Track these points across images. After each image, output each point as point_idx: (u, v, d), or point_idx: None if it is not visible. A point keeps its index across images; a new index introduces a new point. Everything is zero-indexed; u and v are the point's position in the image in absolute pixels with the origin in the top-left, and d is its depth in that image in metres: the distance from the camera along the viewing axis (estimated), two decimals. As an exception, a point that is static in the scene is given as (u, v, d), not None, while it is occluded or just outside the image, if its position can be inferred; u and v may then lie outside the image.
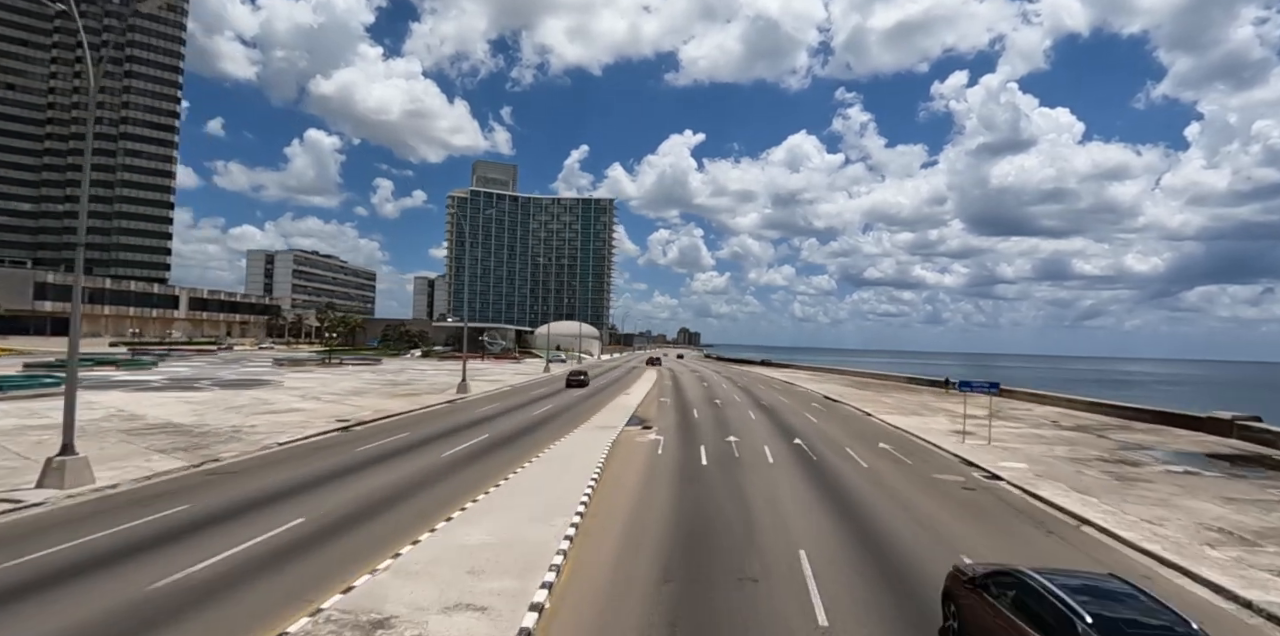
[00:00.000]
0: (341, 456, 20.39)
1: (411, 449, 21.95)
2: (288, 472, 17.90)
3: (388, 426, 27.27)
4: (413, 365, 74.53)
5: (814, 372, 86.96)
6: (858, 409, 38.85)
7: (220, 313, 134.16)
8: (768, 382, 63.89)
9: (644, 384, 54.20)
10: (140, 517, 13.13)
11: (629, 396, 42.19)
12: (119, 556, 11.07)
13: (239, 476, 17.26)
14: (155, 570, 10.36)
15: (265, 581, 10.14)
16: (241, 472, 17.75)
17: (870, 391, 53.44)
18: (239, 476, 17.26)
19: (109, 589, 9.69)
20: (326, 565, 10.84)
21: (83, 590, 9.64)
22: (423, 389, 43.68)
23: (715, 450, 22.98)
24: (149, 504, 14.24)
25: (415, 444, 23.01)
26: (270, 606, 9.16)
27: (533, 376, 60.43)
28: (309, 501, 14.90)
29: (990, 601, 7.82)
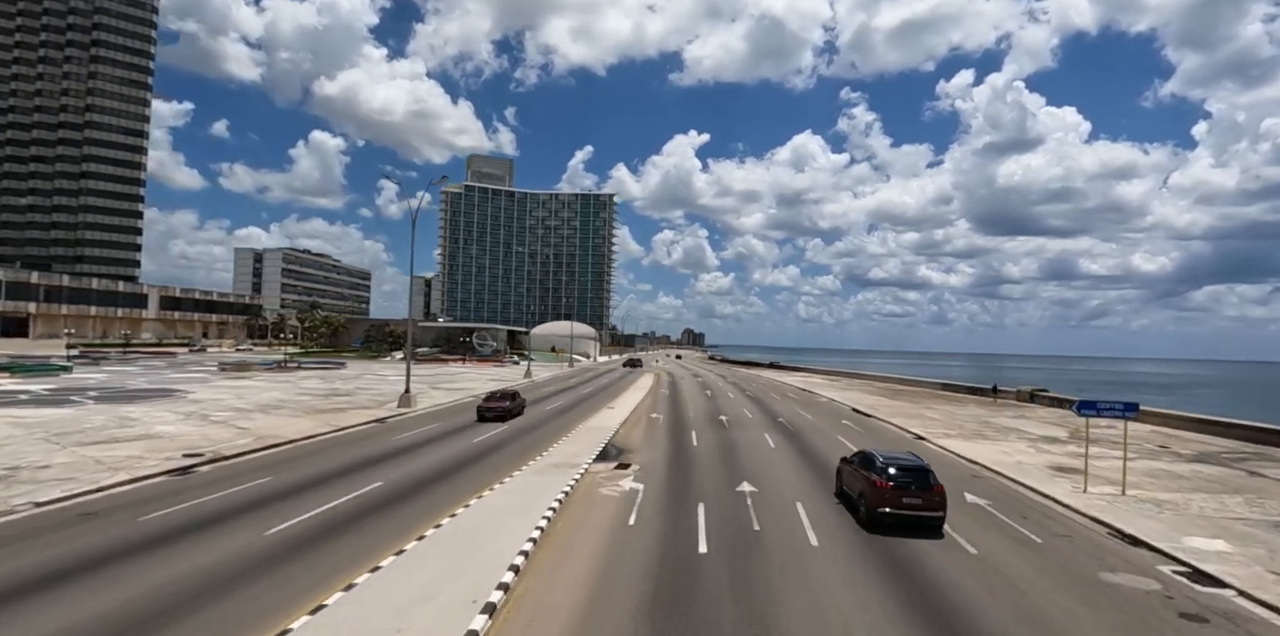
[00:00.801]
0: (92, 538, 12.11)
1: (228, 517, 13.62)
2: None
3: (254, 465, 19.05)
4: (382, 369, 66.43)
5: (830, 377, 78.46)
6: (903, 429, 30.41)
7: (195, 312, 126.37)
8: (781, 390, 55.49)
9: (635, 393, 45.88)
10: None
11: (612, 411, 33.89)
12: None
13: None
14: None
15: None
16: None
17: (904, 401, 45.02)
18: None
19: None
20: None
21: None
22: (360, 402, 35.48)
23: (722, 515, 14.63)
24: None
25: (252, 503, 14.72)
26: None
27: (509, 384, 52.23)
28: None
29: (851, 466, 15.87)
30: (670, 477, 18.41)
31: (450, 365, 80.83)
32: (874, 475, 14.21)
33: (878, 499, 13.76)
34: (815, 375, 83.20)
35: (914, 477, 13.93)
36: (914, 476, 13.98)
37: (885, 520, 13.72)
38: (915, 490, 13.72)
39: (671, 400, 42.22)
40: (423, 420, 28.94)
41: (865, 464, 15.01)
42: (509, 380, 55.80)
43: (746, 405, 40.39)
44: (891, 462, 14.34)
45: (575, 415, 32.31)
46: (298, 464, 19.16)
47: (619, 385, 54.35)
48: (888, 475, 13.92)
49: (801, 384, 63.31)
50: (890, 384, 65.70)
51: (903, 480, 13.81)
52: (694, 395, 46.77)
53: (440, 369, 71.21)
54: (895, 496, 13.62)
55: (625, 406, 36.37)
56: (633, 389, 49.65)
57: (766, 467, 20.24)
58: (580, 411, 34.10)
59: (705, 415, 34.09)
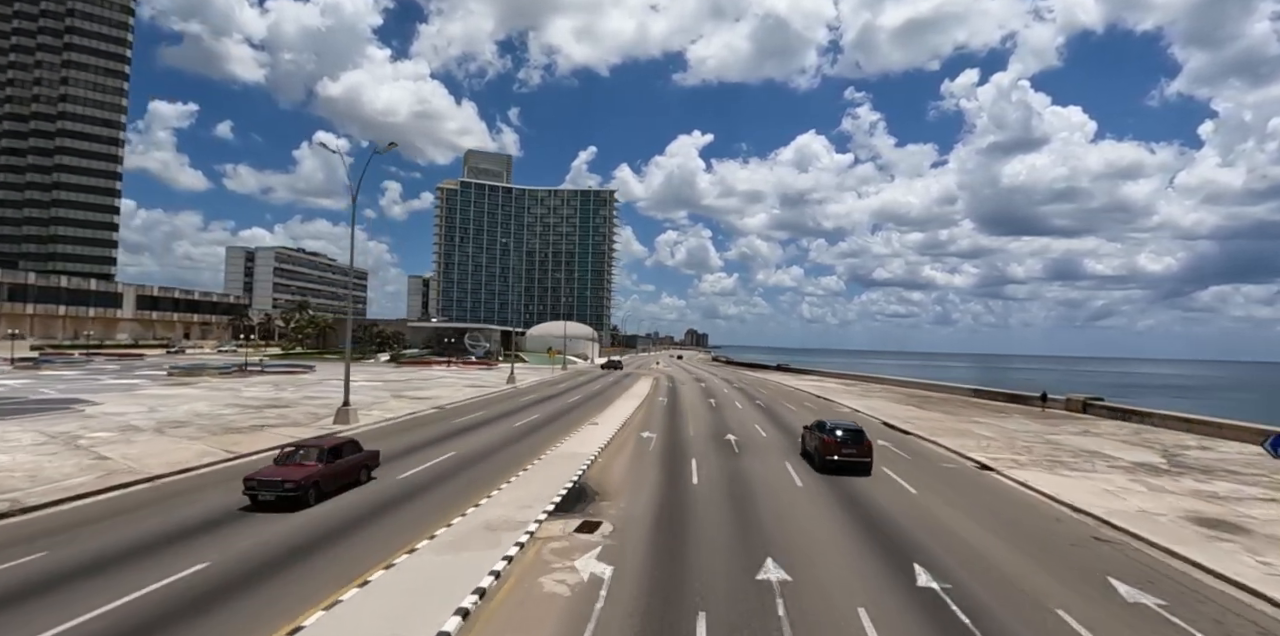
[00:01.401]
0: None
1: None
2: None
3: (46, 525, 13.04)
4: (356, 373, 60.26)
5: (844, 381, 72.18)
6: (959, 454, 24.18)
7: (175, 312, 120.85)
8: (794, 398, 49.32)
9: (628, 402, 39.76)
10: None
11: (596, 428, 27.76)
12: None
13: None
14: None
15: None
16: None
17: (938, 412, 38.80)
18: None
19: None
20: None
21: None
22: (294, 417, 29.44)
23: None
24: None
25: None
26: None
27: (487, 391, 46.17)
28: None
29: (810, 431, 21.16)
30: (655, 549, 12.27)
31: (434, 368, 74.87)
32: (825, 435, 19.91)
33: (826, 450, 19.44)
34: (828, 379, 76.93)
35: (851, 436, 19.72)
36: (851, 435, 19.77)
37: (831, 464, 19.28)
38: (851, 444, 19.44)
39: (669, 412, 36.10)
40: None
41: (819, 428, 20.72)
42: (488, 385, 49.71)
43: (757, 418, 34.23)
44: (836, 427, 20.36)
45: (548, 434, 26.20)
46: (105, 528, 13.06)
47: (611, 392, 48.25)
48: (834, 435, 19.73)
49: (815, 389, 57.10)
50: (913, 389, 59.44)
51: (843, 437, 19.61)
52: (695, 405, 40.64)
53: (419, 372, 65.27)
54: (838, 448, 19.34)
55: (613, 421, 30.25)
56: (625, 397, 43.54)
57: (799, 529, 14.05)
58: (557, 428, 28.00)
59: (708, 433, 27.95)
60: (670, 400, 43.12)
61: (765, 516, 14.80)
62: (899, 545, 12.97)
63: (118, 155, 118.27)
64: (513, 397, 42.23)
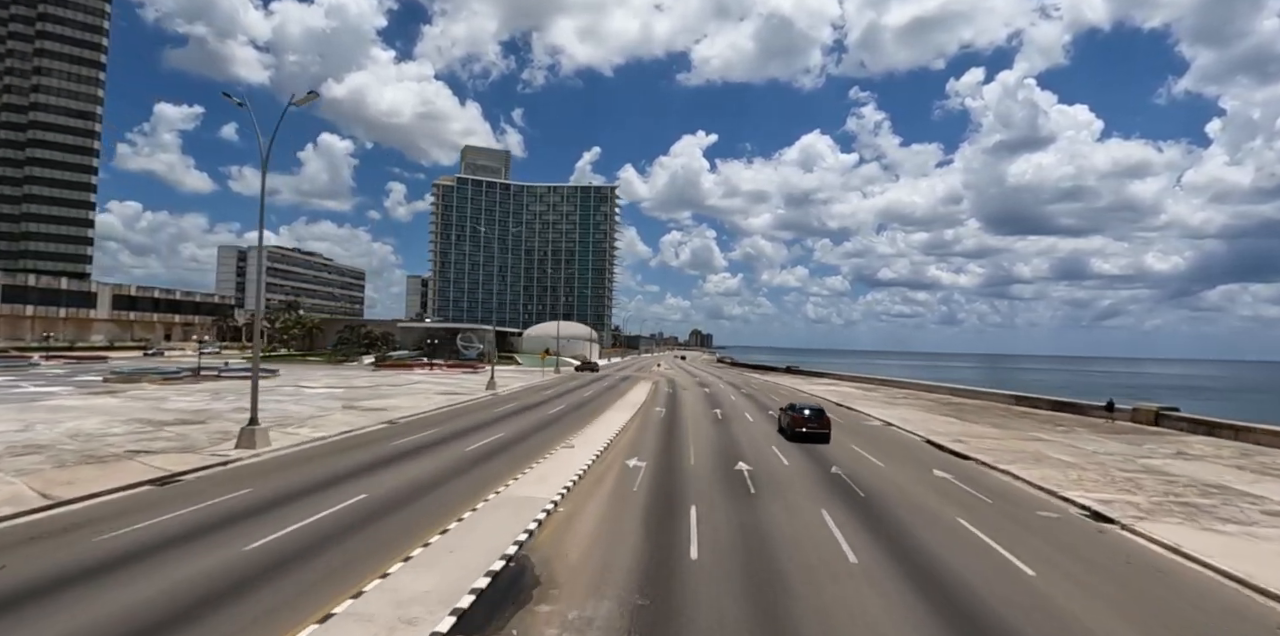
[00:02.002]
0: None
1: None
2: None
3: None
4: (325, 378, 54.65)
5: (862, 385, 66.07)
6: (1041, 489, 18.09)
7: (154, 312, 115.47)
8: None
9: (618, 415, 33.80)
10: None
11: (571, 453, 21.78)
12: None
13: None
14: None
15: None
16: None
17: (987, 425, 32.73)
18: None
19: None
20: None
21: None
22: (194, 439, 23.57)
23: None
24: None
25: None
26: None
27: (460, 399, 40.34)
28: None
29: (784, 411, 28.67)
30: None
31: (415, 371, 69.12)
32: (795, 414, 26.98)
33: (795, 424, 26.40)
34: (843, 382, 70.83)
35: (814, 414, 26.78)
36: (814, 413, 26.87)
37: (799, 435, 26.11)
38: (814, 420, 26.40)
39: (666, 427, 30.14)
40: (221, 485, 16.90)
41: (791, 409, 27.91)
42: (464, 392, 43.84)
43: (774, 436, 28.23)
44: (804, 407, 27.67)
45: (507, 462, 20.28)
46: None
47: (602, 400, 42.33)
48: (802, 414, 26.75)
49: (832, 395, 51.05)
50: (941, 395, 53.33)
51: (809, 415, 26.63)
52: (698, 417, 34.66)
53: (396, 376, 59.48)
54: (804, 423, 26.31)
55: (595, 441, 24.32)
56: (617, 407, 37.62)
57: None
58: (521, 453, 22.07)
59: (714, 460, 21.98)
60: (669, 410, 37.18)
61: (808, 628, 8.86)
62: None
63: (93, 148, 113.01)
64: (486, 408, 36.36)
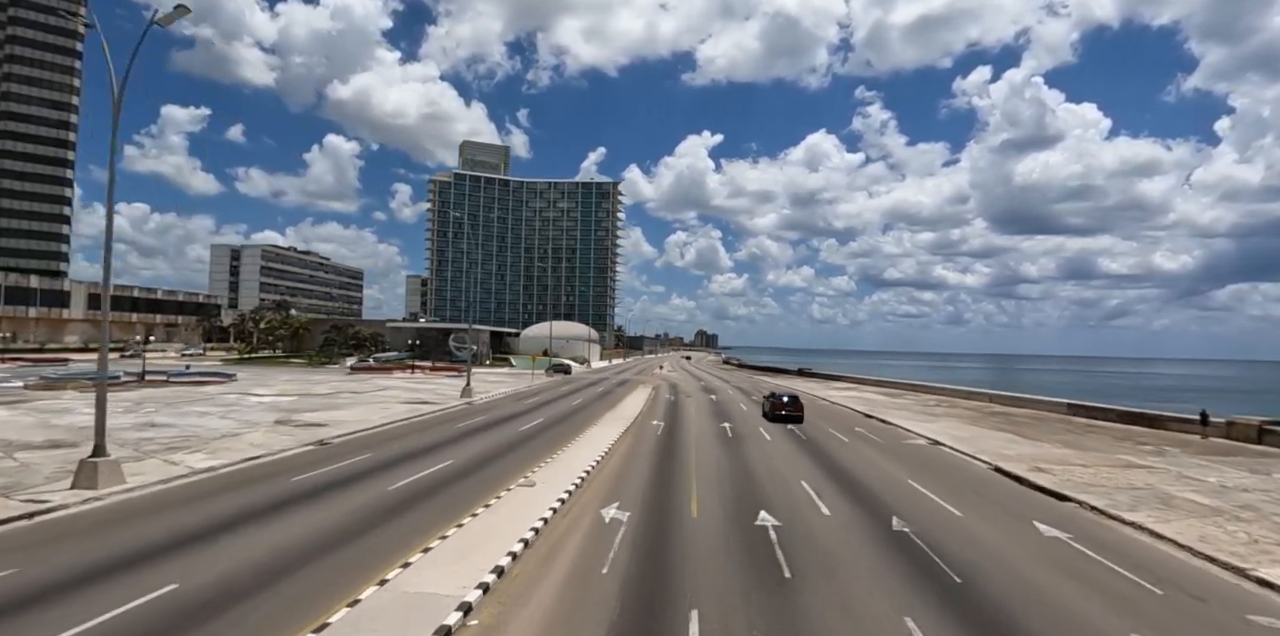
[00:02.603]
0: None
1: None
2: None
3: None
4: (286, 384, 48.86)
5: (885, 390, 59.92)
6: (1241, 574, 11.99)
7: (133, 312, 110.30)
8: (838, 418, 37.25)
9: (606, 431, 27.78)
10: None
11: (530, 495, 15.83)
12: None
13: None
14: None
15: None
16: None
17: (1057, 444, 26.62)
18: None
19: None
20: None
21: None
22: (38, 470, 17.76)
23: None
24: None
25: None
26: None
27: (425, 411, 34.46)
28: None
29: (766, 398, 36.06)
30: None
31: (394, 375, 63.32)
32: (774, 400, 33.76)
33: (775, 409, 32.94)
34: (864, 387, 64.70)
35: (790, 399, 33.45)
36: (790, 398, 33.59)
37: (780, 417, 32.37)
38: (789, 405, 32.82)
39: (663, 451, 24.15)
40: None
41: (772, 396, 34.76)
42: (434, 402, 37.94)
43: (803, 466, 22.19)
44: (783, 395, 34.37)
45: (433, 512, 14.30)
46: None
47: (591, 412, 36.38)
48: (781, 401, 33.34)
49: (858, 403, 44.97)
50: (979, 402, 47.15)
51: (785, 401, 33.24)
52: (703, 436, 28.65)
53: (368, 381, 53.64)
54: (782, 407, 32.84)
55: (567, 473, 18.35)
56: (606, 422, 31.65)
57: None
58: (461, 493, 16.11)
59: (726, 506, 15.94)
60: (669, 424, 31.19)
61: None
62: None
63: (69, 141, 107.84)
64: (450, 422, 30.46)
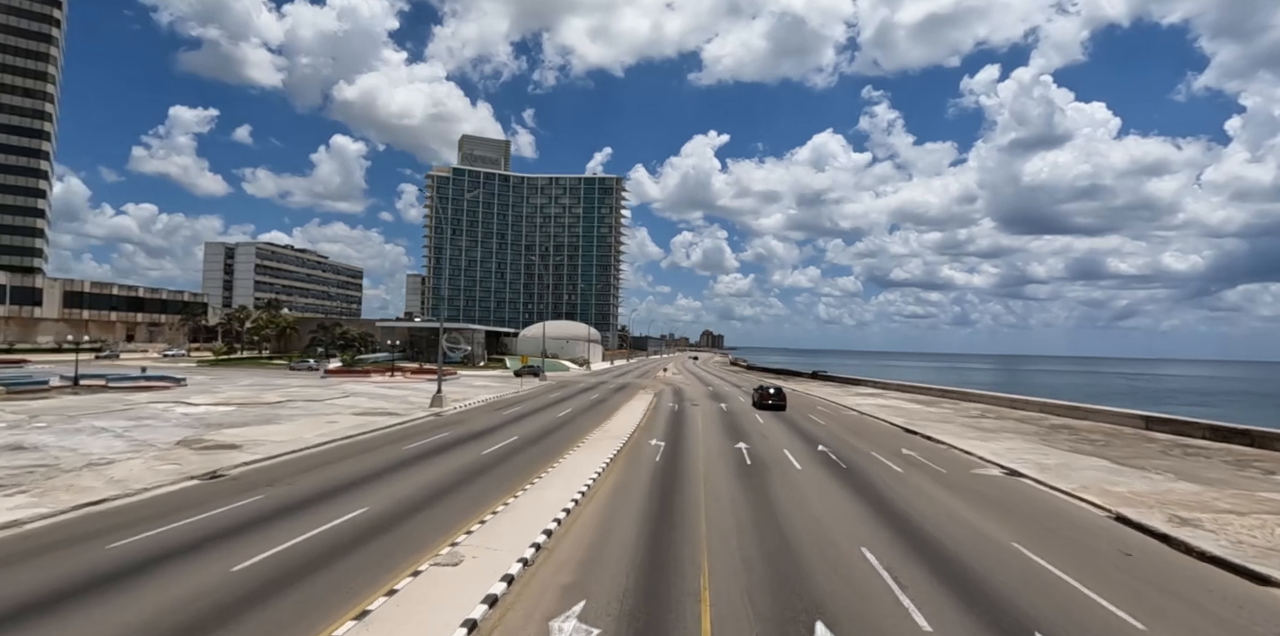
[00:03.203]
0: None
1: None
2: None
3: None
4: (250, 388, 43.17)
5: (915, 397, 53.74)
6: None
7: (112, 310, 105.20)
8: (877, 436, 31.21)
9: (591, 455, 21.88)
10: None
11: (448, 578, 10.11)
12: None
13: None
14: None
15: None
16: None
17: (1166, 474, 20.54)
18: None
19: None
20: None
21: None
22: None
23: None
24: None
25: None
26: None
27: (383, 424, 28.65)
28: None
29: (755, 390, 44.29)
30: None
31: (370, 379, 57.57)
32: (761, 393, 40.85)
33: (760, 399, 40.31)
34: (889, 392, 58.55)
35: (775, 391, 40.67)
36: (775, 390, 40.78)
37: (766, 406, 39.24)
38: (774, 396, 39.91)
39: (660, 493, 18.24)
40: None
41: (760, 389, 41.87)
42: (393, 415, 32.15)
43: (854, 510, 16.28)
44: (769, 387, 41.70)
45: (266, 629, 8.56)
46: None
47: (577, 426, 30.49)
48: (767, 392, 40.38)
49: (889, 414, 38.87)
50: (1031, 412, 41.01)
51: (770, 392, 40.37)
52: (715, 465, 22.64)
53: (336, 387, 47.87)
54: (767, 398, 39.85)
55: (512, 540, 12.54)
56: (592, 442, 25.72)
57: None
58: (345, 574, 10.31)
59: (757, 613, 10.10)
60: (670, 446, 25.25)
61: None
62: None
63: (45, 131, 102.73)
64: (400, 442, 24.63)
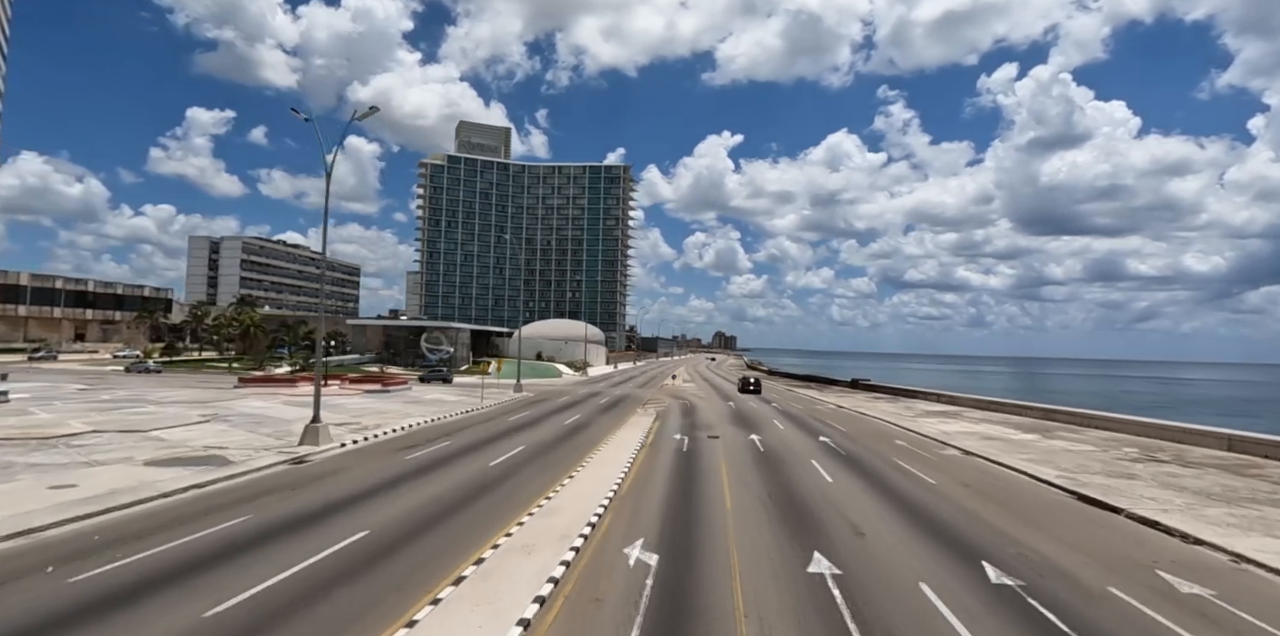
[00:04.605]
0: None
1: None
2: None
3: None
4: (79, 403, 31.22)
5: (1004, 417, 40.75)
6: None
7: (55, 306, 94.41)
8: (1036, 513, 18.59)
9: (480, 594, 9.71)
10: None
11: None
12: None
13: None
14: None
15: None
16: None
17: None
18: None
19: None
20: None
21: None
22: None
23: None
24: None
25: None
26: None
27: (109, 507, 16.44)
28: None
29: (741, 381, 65.52)
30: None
31: (299, 387, 45.43)
32: (741, 383, 63.03)
33: (742, 387, 60.78)
34: (965, 409, 45.57)
35: (755, 380, 62.71)
36: (754, 380, 62.60)
37: (745, 393, 57.65)
38: (753, 383, 61.16)
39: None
40: None
41: (742, 379, 66.80)
42: (231, 461, 20.02)
43: None
44: (749, 378, 64.93)
45: None
46: None
47: (518, 488, 18.14)
48: (748, 382, 61.71)
49: (978, 443, 26.17)
50: (1216, 448, 28.11)
51: (750, 381, 61.97)
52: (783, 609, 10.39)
53: (206, 405, 35.79)
54: (749, 385, 60.65)
55: None
56: (518, 545, 13.31)
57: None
58: None
59: None
60: (665, 570, 12.86)
61: None
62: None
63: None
64: (129, 544, 12.45)
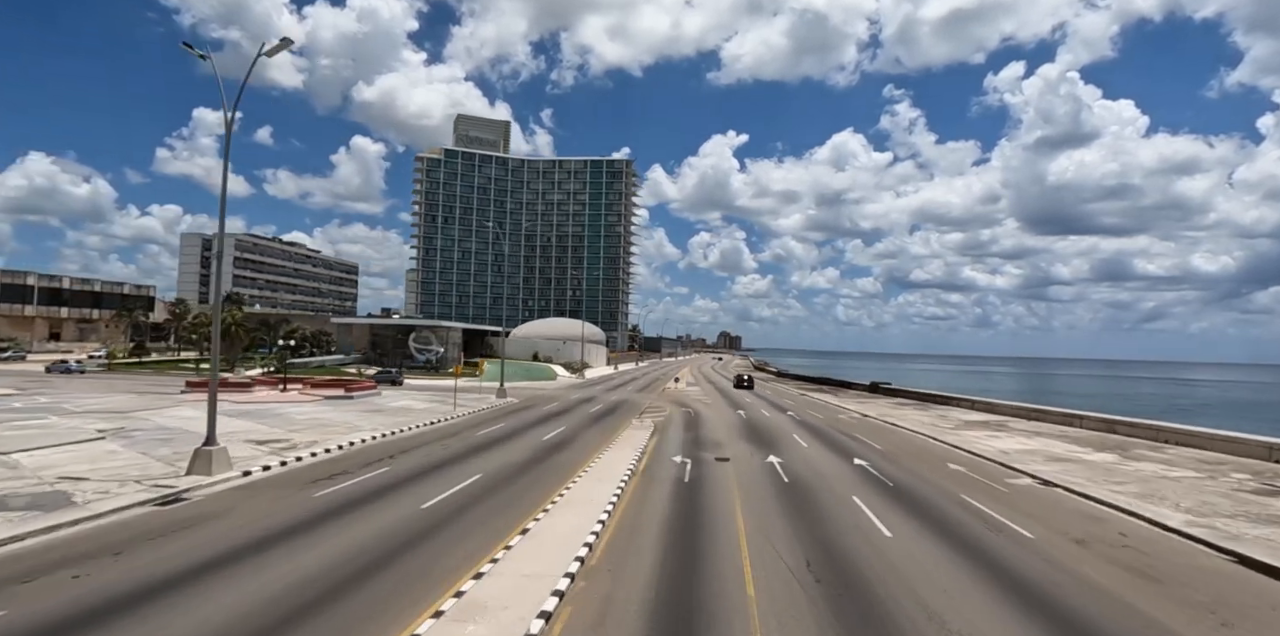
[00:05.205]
0: None
1: None
2: None
3: None
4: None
5: (1060, 430, 35.24)
6: None
7: (24, 304, 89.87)
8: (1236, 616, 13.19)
9: None
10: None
11: None
12: None
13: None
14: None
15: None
16: None
17: None
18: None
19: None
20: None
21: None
22: None
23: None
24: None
25: None
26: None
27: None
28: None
29: (737, 379, 72.73)
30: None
31: (255, 392, 40.35)
32: (737, 380, 70.46)
33: (739, 383, 68.01)
34: (1009, 419, 40.16)
35: (748, 377, 72.25)
36: (748, 378, 72.00)
37: (740, 388, 64.74)
38: (747, 380, 69.20)
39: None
40: None
41: (737, 377, 75.54)
42: (75, 503, 14.94)
43: None
44: (744, 375, 77.75)
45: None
46: None
47: (446, 551, 12.94)
48: (742, 379, 69.69)
49: (1052, 466, 20.92)
50: (1272, 459, 22.68)
51: (743, 379, 69.69)
52: None
53: (127, 415, 30.72)
54: (742, 381, 68.08)
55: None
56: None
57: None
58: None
59: None
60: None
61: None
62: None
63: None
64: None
